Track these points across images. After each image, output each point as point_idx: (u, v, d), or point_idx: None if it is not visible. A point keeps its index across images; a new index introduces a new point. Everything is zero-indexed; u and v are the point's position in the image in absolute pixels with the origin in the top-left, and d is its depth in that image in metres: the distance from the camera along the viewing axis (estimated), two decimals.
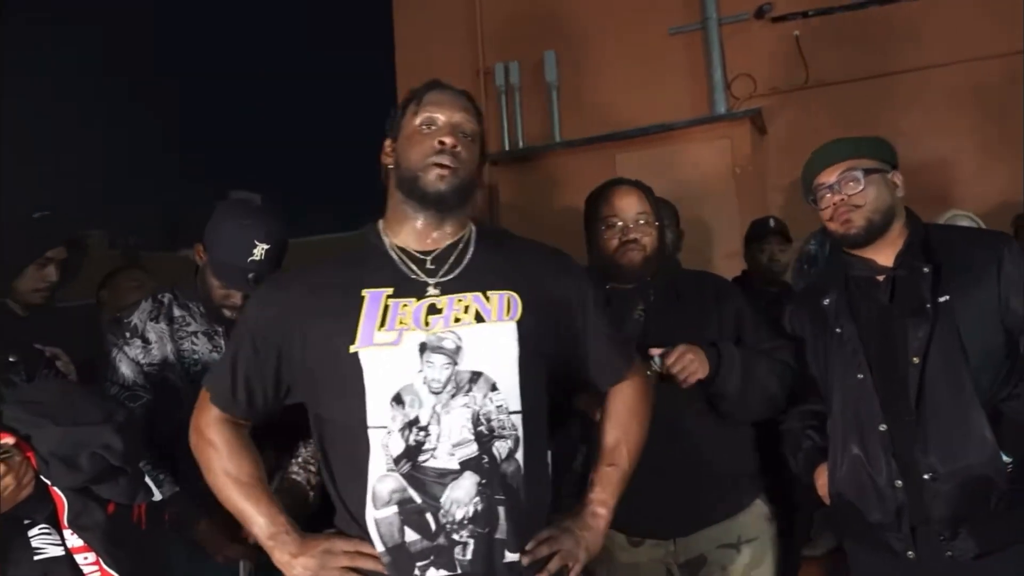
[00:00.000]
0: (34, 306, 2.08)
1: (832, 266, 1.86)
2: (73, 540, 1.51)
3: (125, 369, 1.88)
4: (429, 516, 1.23)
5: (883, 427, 1.64)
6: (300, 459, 1.88)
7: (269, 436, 1.52)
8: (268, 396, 1.37)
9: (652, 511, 1.70)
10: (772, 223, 3.21)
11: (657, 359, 1.69)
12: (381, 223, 1.43)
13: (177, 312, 1.94)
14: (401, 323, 1.27)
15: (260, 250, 1.81)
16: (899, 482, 1.62)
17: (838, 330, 1.73)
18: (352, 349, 1.26)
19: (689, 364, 1.70)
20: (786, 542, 1.91)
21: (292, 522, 1.33)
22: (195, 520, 1.85)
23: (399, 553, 1.24)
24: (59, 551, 1.51)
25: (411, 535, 1.23)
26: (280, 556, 1.31)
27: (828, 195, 1.72)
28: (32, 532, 1.51)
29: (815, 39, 4.13)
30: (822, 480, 1.74)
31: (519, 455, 1.27)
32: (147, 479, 1.66)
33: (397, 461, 1.23)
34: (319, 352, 1.30)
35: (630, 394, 1.47)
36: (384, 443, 1.24)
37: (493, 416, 1.26)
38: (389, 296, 1.30)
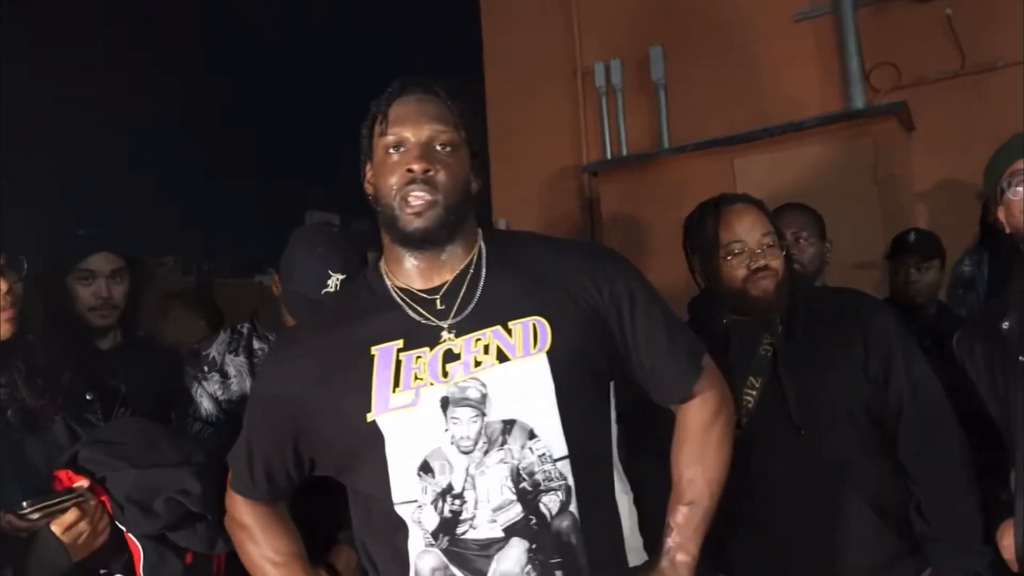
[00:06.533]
0: (100, 329, 2.07)
1: (1012, 282, 1.74)
2: None
3: (207, 404, 1.96)
4: None
5: None
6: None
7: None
8: (291, 474, 1.39)
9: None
10: (912, 237, 3.07)
11: None
12: (382, 262, 1.39)
13: (256, 344, 2.01)
14: (417, 379, 1.24)
15: (335, 281, 1.82)
16: None
17: (1022, 358, 1.62)
18: (369, 418, 1.24)
19: None
20: None
21: None
22: None
23: None
24: None
25: None
26: None
27: None
28: None
29: (970, 17, 3.96)
30: (1007, 541, 1.62)
31: (573, 507, 1.23)
32: None
33: (435, 536, 1.21)
34: (335, 425, 1.29)
35: (703, 414, 1.38)
36: (417, 518, 1.22)
37: (536, 468, 1.22)
38: (400, 349, 1.27)
